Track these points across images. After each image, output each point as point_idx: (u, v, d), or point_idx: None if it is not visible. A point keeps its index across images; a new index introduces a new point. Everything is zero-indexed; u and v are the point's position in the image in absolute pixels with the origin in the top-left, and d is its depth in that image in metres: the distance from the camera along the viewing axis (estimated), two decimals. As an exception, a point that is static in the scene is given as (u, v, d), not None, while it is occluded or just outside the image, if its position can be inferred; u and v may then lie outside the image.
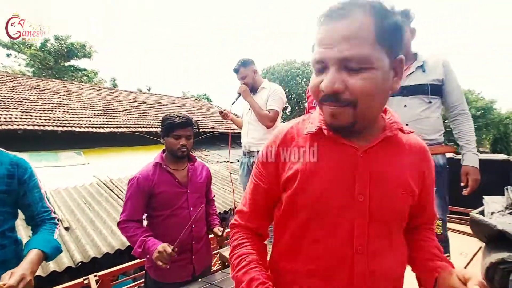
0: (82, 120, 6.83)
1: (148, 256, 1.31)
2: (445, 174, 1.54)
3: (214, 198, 1.76)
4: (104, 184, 4.82)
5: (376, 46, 0.53)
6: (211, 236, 1.66)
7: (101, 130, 6.68)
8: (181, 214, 1.45)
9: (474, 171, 1.43)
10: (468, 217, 2.52)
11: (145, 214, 1.48)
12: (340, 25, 0.53)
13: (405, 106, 1.53)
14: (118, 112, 8.23)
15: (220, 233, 1.56)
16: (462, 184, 1.46)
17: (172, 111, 9.96)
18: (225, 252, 2.53)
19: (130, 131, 7.18)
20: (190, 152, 1.54)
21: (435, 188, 1.44)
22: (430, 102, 1.51)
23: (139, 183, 1.39)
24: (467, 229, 2.53)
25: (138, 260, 1.94)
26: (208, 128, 9.18)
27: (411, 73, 1.55)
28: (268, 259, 0.77)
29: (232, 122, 2.63)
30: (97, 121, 7.07)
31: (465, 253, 2.12)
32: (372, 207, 0.62)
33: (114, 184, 4.84)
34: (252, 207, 0.76)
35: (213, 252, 2.52)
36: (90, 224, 3.68)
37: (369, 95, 0.55)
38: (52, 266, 2.83)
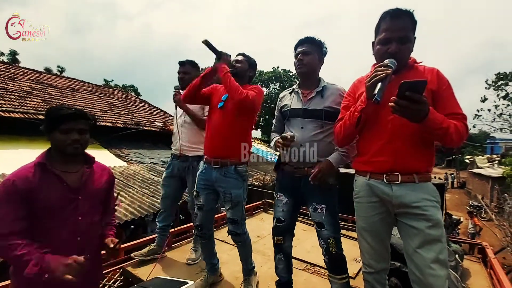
0: (-44, 98, 5.30)
1: (47, 276, 1.06)
2: (335, 193, 1.62)
3: (116, 208, 1.54)
4: (-22, 181, 3.79)
5: None
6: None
7: (-16, 113, 5.31)
8: (68, 225, 1.21)
9: (326, 162, 1.52)
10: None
11: None
12: None
13: (302, 127, 1.61)
14: (13, 93, 6.71)
15: (112, 245, 1.34)
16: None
17: (89, 99, 8.78)
18: (131, 268, 2.26)
19: (27, 117, 5.93)
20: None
21: (325, 206, 1.56)
22: (323, 127, 1.59)
23: (16, 187, 1.11)
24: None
25: (6, 282, 1.52)
26: (132, 124, 8.34)
27: (311, 97, 1.63)
28: None
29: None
30: (-21, 101, 5.60)
31: (359, 259, 2.42)
32: None
33: (-6, 182, 3.85)
34: None
35: (116, 267, 2.22)
36: None
37: None
38: None
